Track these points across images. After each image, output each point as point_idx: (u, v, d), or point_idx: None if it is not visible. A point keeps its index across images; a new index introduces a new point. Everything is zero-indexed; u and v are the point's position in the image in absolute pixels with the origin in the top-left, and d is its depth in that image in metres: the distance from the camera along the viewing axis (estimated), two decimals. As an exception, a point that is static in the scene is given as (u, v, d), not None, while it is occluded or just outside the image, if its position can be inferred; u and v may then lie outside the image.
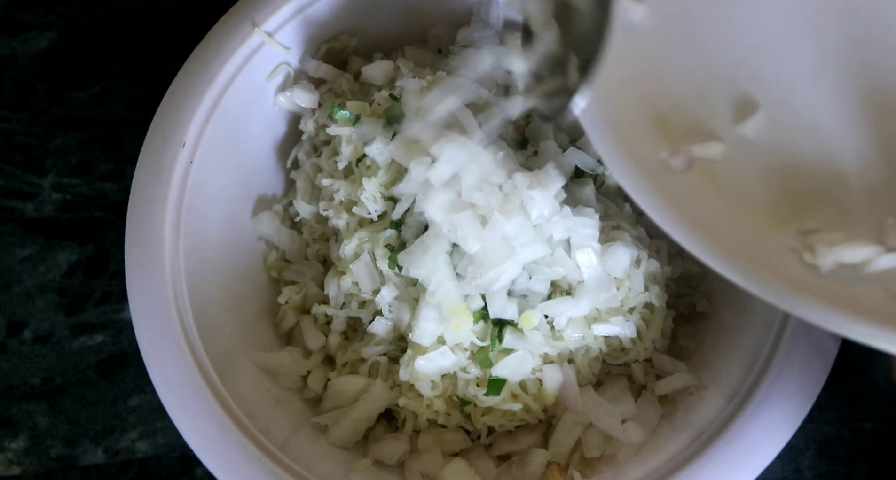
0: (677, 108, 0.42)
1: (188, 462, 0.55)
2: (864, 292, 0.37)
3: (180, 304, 0.46)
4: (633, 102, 0.42)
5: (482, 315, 0.46)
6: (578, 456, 0.47)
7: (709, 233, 0.38)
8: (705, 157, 0.41)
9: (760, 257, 0.38)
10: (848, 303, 0.36)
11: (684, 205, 0.39)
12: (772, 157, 0.41)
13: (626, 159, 0.40)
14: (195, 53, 0.50)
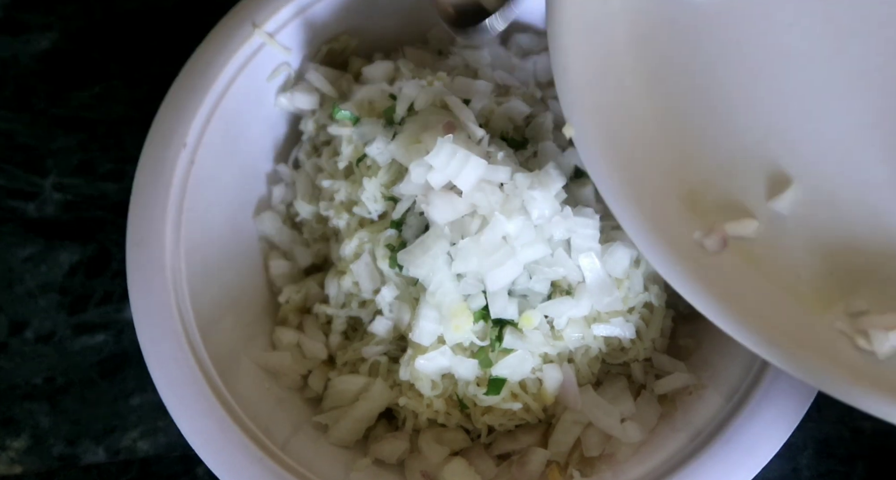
0: (707, 185, 0.40)
1: (189, 462, 0.55)
2: None
3: (181, 304, 0.46)
4: (660, 182, 0.40)
5: (482, 315, 0.46)
6: (578, 456, 0.47)
7: (754, 318, 0.36)
8: (740, 236, 0.39)
9: (812, 343, 0.35)
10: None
11: (724, 289, 0.37)
12: (811, 232, 0.39)
13: (658, 242, 0.38)
14: (196, 54, 0.51)
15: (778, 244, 0.39)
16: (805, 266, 0.38)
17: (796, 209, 0.39)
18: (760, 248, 0.39)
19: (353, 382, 0.49)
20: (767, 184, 0.40)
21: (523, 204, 0.44)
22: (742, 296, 0.37)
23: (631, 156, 0.37)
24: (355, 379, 0.49)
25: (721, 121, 0.42)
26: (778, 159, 0.40)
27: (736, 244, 0.39)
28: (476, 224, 0.44)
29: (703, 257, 0.39)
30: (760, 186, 0.40)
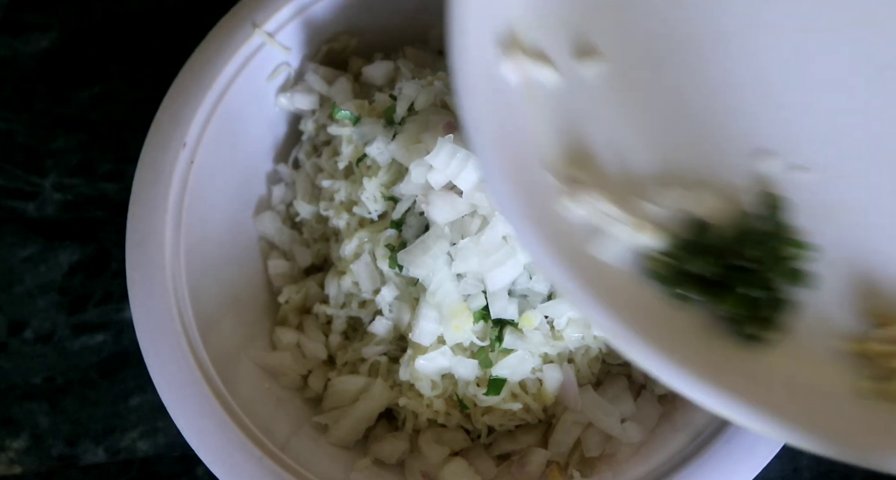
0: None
1: (189, 462, 0.55)
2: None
3: (181, 304, 0.46)
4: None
5: (482, 315, 0.46)
6: (578, 456, 0.47)
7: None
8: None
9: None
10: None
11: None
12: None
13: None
14: (196, 54, 0.51)
15: None
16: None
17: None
18: None
19: (353, 382, 0.49)
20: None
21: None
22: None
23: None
24: (355, 379, 0.49)
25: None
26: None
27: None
28: (476, 224, 0.44)
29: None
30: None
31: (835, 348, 0.37)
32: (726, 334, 0.38)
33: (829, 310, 0.38)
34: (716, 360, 0.37)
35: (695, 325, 0.38)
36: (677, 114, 0.42)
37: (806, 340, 0.38)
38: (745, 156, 0.41)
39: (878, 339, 0.37)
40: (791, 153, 0.41)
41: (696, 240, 0.39)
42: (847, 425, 0.36)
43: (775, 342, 0.38)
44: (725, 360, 0.37)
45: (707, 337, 0.38)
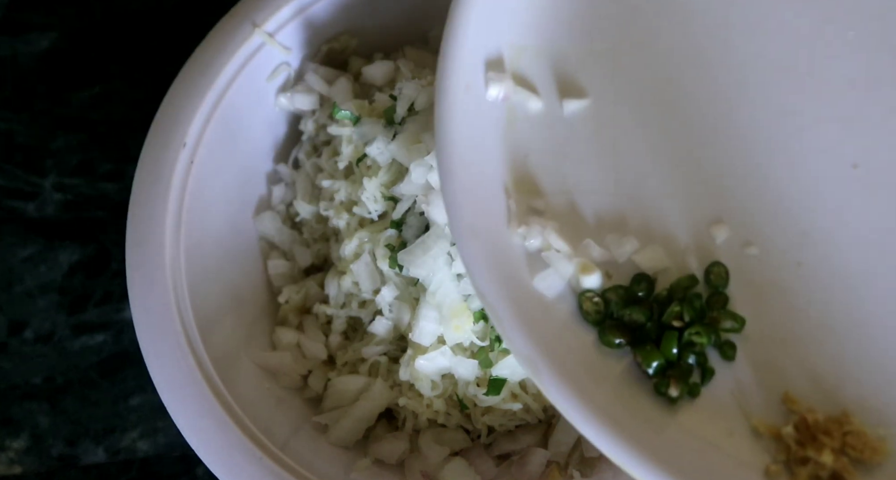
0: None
1: (189, 462, 0.55)
2: None
3: (181, 304, 0.46)
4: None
5: (482, 315, 0.46)
6: (578, 456, 0.47)
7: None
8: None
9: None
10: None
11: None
12: None
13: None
14: (196, 54, 0.51)
15: None
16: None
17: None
18: None
19: (353, 382, 0.49)
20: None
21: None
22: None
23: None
24: (355, 379, 0.49)
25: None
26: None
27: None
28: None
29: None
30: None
31: (749, 426, 0.38)
32: (645, 389, 0.38)
33: (748, 388, 0.38)
34: (630, 411, 0.37)
35: (616, 374, 0.39)
36: (647, 165, 0.42)
37: (723, 410, 0.38)
38: (704, 221, 0.42)
39: (793, 427, 0.37)
40: (747, 228, 0.41)
41: (632, 290, 0.40)
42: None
43: (689, 405, 0.38)
44: (641, 413, 0.38)
45: (626, 387, 0.38)
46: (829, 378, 0.38)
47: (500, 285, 0.38)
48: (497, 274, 0.39)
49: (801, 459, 0.37)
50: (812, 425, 0.37)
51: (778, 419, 0.38)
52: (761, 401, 0.38)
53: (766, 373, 0.39)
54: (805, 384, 0.38)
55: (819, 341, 0.39)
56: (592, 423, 0.36)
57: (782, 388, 0.38)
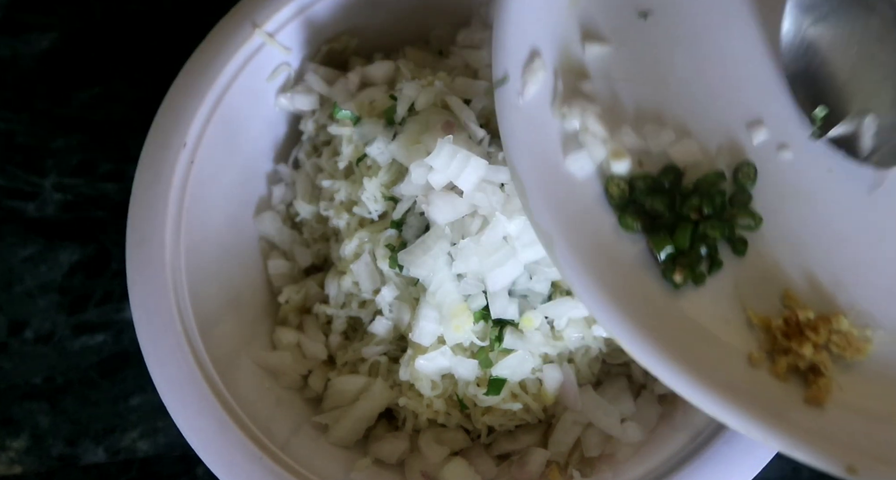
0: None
1: (189, 462, 0.55)
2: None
3: (181, 304, 0.46)
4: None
5: (482, 315, 0.46)
6: (578, 456, 0.47)
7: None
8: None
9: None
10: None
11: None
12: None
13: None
14: (196, 54, 0.51)
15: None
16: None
17: None
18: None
19: (353, 382, 0.49)
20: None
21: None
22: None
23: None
24: (355, 379, 0.49)
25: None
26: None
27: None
28: (477, 224, 0.44)
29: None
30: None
31: (745, 316, 0.41)
32: (653, 274, 0.41)
33: (751, 282, 0.41)
34: (635, 292, 0.40)
35: (628, 257, 0.41)
36: (697, 61, 0.44)
37: (723, 300, 0.41)
38: (741, 122, 0.43)
39: (782, 320, 0.40)
40: (785, 132, 0.43)
41: (660, 179, 0.42)
42: (732, 385, 0.38)
43: (693, 292, 0.40)
44: (645, 295, 0.40)
45: (635, 271, 0.41)
46: (829, 283, 0.41)
47: (532, 159, 0.40)
48: (531, 148, 0.40)
49: (783, 349, 0.40)
50: (802, 321, 0.40)
51: (772, 313, 0.41)
52: (761, 296, 0.41)
53: (771, 271, 0.41)
54: (805, 285, 0.41)
55: (830, 250, 0.41)
56: (597, 298, 0.38)
57: (783, 286, 0.41)
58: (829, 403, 0.39)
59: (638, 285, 0.40)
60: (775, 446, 0.37)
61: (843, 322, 0.40)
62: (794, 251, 0.41)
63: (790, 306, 0.41)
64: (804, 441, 0.37)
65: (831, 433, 0.37)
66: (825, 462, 0.36)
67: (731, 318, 0.41)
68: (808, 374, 0.40)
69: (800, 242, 0.42)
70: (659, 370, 0.38)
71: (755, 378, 0.39)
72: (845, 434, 0.37)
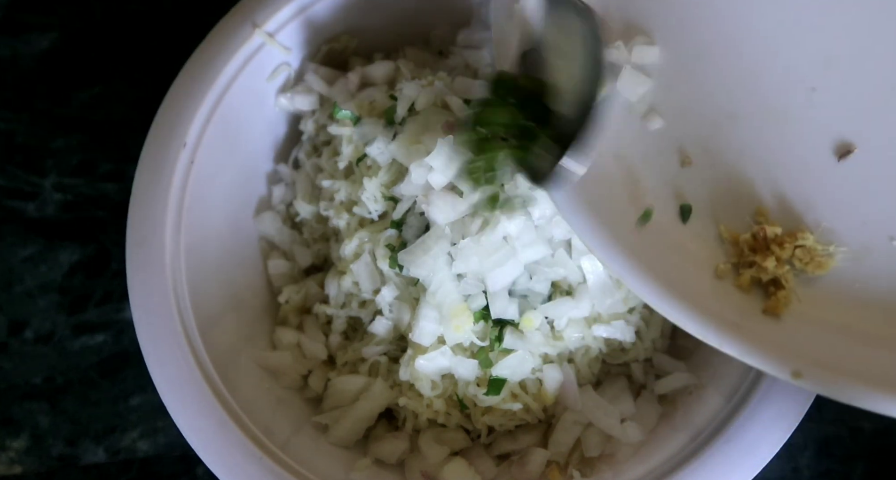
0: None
1: (189, 462, 0.55)
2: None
3: (181, 304, 0.46)
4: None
5: (482, 315, 0.46)
6: (578, 456, 0.47)
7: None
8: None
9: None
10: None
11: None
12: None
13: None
14: (196, 54, 0.51)
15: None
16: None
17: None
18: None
19: (353, 382, 0.49)
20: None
21: (524, 204, 0.44)
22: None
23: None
24: (355, 380, 0.49)
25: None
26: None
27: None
28: (477, 224, 0.44)
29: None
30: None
31: (717, 231, 0.43)
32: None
33: (725, 198, 0.43)
34: (615, 207, 0.42)
35: (615, 178, 0.43)
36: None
37: (697, 217, 0.43)
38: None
39: (750, 235, 0.43)
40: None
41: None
42: (695, 294, 0.40)
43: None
44: (624, 211, 0.43)
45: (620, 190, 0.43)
46: (799, 202, 0.43)
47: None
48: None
49: (748, 263, 0.42)
50: (769, 236, 0.42)
51: (743, 230, 0.43)
52: (734, 213, 0.43)
53: (746, 189, 0.43)
54: (776, 204, 0.43)
55: (803, 170, 0.43)
56: (576, 210, 0.41)
57: (756, 204, 0.43)
58: (786, 314, 0.41)
59: (615, 194, 0.43)
60: (729, 351, 0.39)
61: (808, 237, 0.42)
62: (769, 170, 0.43)
63: (760, 222, 0.42)
64: (756, 348, 0.39)
65: (783, 342, 0.39)
66: (773, 367, 0.38)
67: (703, 232, 0.43)
68: (770, 287, 0.42)
69: (775, 161, 0.43)
70: (626, 277, 0.40)
71: (719, 288, 0.42)
72: (796, 343, 0.39)
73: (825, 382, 0.37)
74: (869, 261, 0.41)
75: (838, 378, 0.37)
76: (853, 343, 0.39)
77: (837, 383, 0.37)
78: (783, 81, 0.44)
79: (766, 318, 0.41)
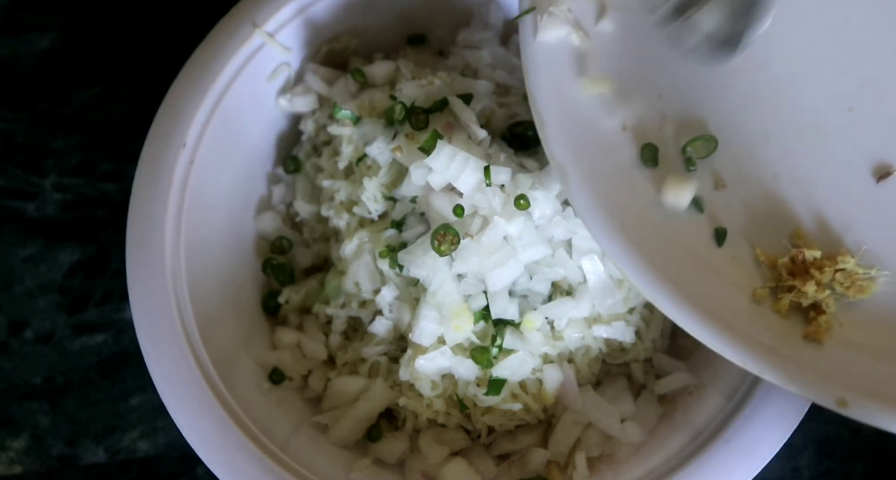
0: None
1: (189, 462, 0.55)
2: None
3: (181, 304, 0.46)
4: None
5: (483, 315, 0.46)
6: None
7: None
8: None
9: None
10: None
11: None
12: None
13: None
14: (196, 54, 0.51)
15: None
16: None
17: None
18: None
19: (353, 382, 0.49)
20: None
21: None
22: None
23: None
24: (355, 380, 0.49)
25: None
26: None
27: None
28: (477, 224, 0.44)
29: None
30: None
31: (753, 254, 0.42)
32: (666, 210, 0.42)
33: (761, 219, 0.42)
34: (647, 227, 0.41)
35: (643, 193, 0.42)
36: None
37: (732, 239, 0.42)
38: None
39: (789, 258, 0.41)
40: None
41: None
42: (733, 319, 0.39)
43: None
44: (657, 232, 0.41)
45: (650, 207, 0.42)
46: (838, 223, 0.42)
47: (552, 92, 0.41)
48: (552, 81, 0.41)
49: (788, 287, 0.41)
50: (808, 260, 0.41)
51: (780, 252, 0.42)
52: (770, 235, 0.42)
53: (782, 211, 0.42)
54: (814, 225, 0.42)
55: (842, 190, 0.42)
56: (606, 231, 0.40)
57: (793, 226, 0.42)
58: (828, 340, 0.40)
59: (649, 219, 0.41)
60: (770, 379, 0.38)
61: (849, 261, 0.41)
62: (805, 191, 0.42)
63: (798, 245, 0.41)
64: (798, 374, 0.38)
65: (826, 368, 0.38)
66: (816, 395, 0.37)
67: (738, 255, 0.42)
68: (810, 312, 0.41)
69: (812, 182, 0.42)
70: (662, 303, 0.39)
71: (757, 313, 0.40)
72: (840, 370, 0.38)
73: (871, 410, 0.36)
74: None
75: (884, 406, 0.36)
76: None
77: (884, 411, 0.36)
78: (820, 101, 0.43)
79: (807, 344, 0.40)
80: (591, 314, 0.47)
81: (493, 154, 0.46)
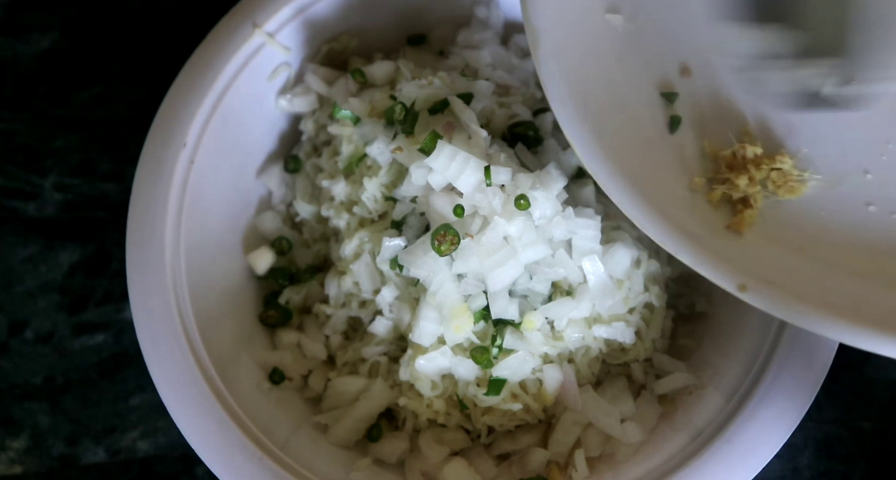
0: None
1: (189, 461, 0.55)
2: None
3: (181, 304, 0.46)
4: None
5: (483, 315, 0.46)
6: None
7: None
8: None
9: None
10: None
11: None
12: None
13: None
14: (196, 54, 0.51)
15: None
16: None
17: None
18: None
19: (353, 383, 0.49)
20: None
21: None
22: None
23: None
24: (355, 380, 0.49)
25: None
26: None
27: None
28: (477, 224, 0.44)
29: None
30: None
31: (701, 146, 0.44)
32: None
33: (715, 115, 0.44)
34: (608, 115, 0.42)
35: (620, 90, 0.44)
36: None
37: (686, 128, 0.44)
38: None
39: (731, 152, 0.44)
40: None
41: None
42: (665, 203, 0.41)
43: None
44: (615, 122, 0.43)
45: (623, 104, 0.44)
46: (783, 126, 0.44)
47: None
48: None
49: (723, 179, 0.43)
50: (748, 156, 0.43)
51: (725, 147, 0.44)
52: (719, 130, 0.45)
53: (734, 109, 0.44)
54: (760, 126, 0.45)
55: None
56: (570, 113, 0.42)
57: (743, 125, 0.44)
58: (748, 232, 0.42)
59: (611, 92, 0.43)
60: (683, 259, 0.40)
61: (786, 161, 0.43)
62: (761, 93, 0.44)
63: (744, 141, 0.43)
64: (708, 259, 0.39)
65: (736, 257, 0.40)
66: (721, 278, 0.39)
67: (686, 144, 0.44)
68: (738, 204, 0.43)
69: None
70: (599, 174, 0.41)
71: (690, 201, 0.43)
72: (748, 260, 0.40)
73: (769, 298, 0.38)
74: (839, 191, 0.42)
75: (784, 295, 0.38)
76: (807, 266, 0.40)
77: (782, 300, 0.38)
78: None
79: (727, 233, 0.42)
80: (592, 314, 0.47)
81: (493, 154, 0.46)
